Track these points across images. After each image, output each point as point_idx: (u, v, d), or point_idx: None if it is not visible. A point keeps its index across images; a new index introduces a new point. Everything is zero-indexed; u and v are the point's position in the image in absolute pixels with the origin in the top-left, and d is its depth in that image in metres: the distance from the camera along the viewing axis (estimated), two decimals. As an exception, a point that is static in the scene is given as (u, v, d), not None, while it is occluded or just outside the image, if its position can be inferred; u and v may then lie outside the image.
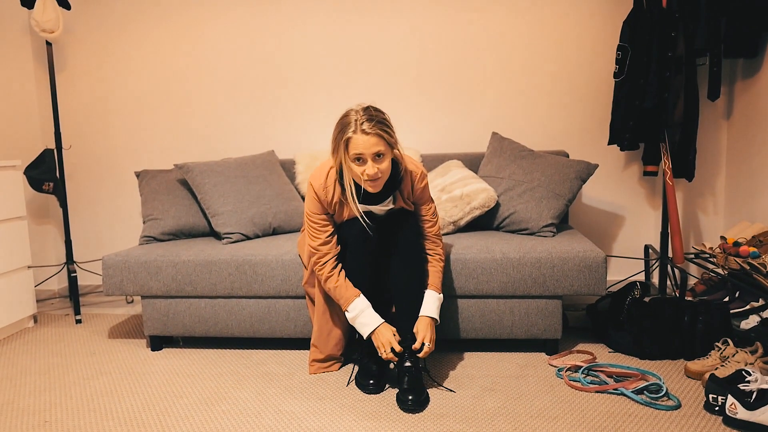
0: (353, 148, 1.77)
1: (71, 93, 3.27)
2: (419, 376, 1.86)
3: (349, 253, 1.97)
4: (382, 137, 1.77)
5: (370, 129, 1.76)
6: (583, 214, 3.06)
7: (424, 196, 2.03)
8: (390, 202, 1.97)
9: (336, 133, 1.82)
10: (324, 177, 1.93)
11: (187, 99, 3.21)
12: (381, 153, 1.79)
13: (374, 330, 1.91)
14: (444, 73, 3.04)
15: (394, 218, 1.98)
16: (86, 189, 3.34)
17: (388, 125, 1.81)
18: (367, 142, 1.76)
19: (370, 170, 1.77)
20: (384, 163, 1.80)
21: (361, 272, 1.97)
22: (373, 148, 1.77)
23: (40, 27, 2.80)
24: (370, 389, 1.91)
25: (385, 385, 1.95)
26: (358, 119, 1.77)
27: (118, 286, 2.35)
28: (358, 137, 1.76)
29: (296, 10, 3.08)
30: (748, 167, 2.64)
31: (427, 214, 2.03)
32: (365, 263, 1.97)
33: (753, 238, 2.21)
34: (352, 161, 1.80)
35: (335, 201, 1.93)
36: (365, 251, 1.96)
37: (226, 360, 2.26)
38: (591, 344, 2.30)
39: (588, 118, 2.98)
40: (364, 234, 1.93)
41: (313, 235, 1.96)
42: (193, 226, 2.68)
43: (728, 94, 2.80)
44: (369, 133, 1.75)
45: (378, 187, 1.84)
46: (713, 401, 1.68)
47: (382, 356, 1.89)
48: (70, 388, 2.05)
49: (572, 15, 2.92)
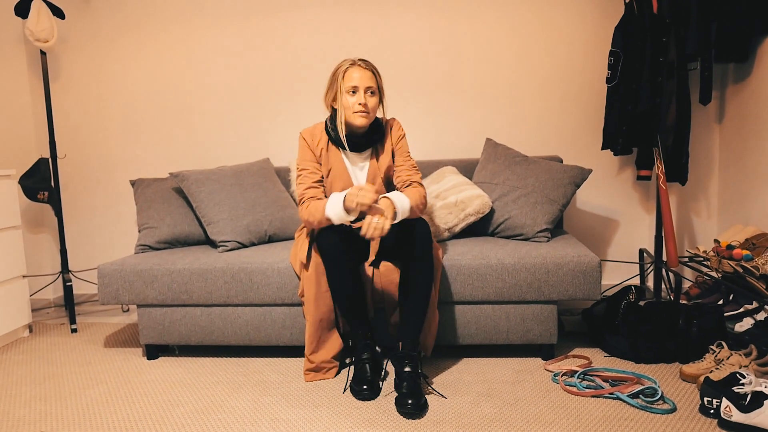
0: (348, 80, 1.99)
1: (66, 102, 3.27)
2: (418, 381, 1.86)
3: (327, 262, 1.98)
4: (376, 77, 2.03)
5: (365, 65, 2.02)
6: (578, 219, 3.07)
7: (404, 147, 2.18)
8: (369, 153, 2.14)
9: (333, 71, 2.05)
10: (313, 127, 2.16)
11: (182, 107, 3.22)
12: (373, 90, 2.02)
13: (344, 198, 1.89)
14: (438, 79, 3.05)
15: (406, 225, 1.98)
16: (81, 198, 3.33)
17: (379, 73, 2.06)
18: (363, 75, 2.00)
19: (361, 100, 1.99)
20: (373, 100, 2.03)
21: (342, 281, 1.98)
22: (367, 82, 2.00)
23: (34, 36, 2.81)
24: (364, 395, 1.91)
25: (380, 391, 1.95)
26: (354, 59, 2.03)
27: (113, 295, 2.34)
28: (355, 69, 2.00)
29: (291, 20, 3.09)
30: (741, 170, 2.66)
31: (406, 164, 2.15)
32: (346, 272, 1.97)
33: (746, 241, 2.23)
34: (347, 92, 2.00)
35: (321, 146, 2.12)
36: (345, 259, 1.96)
37: (222, 368, 2.26)
38: (586, 349, 2.31)
39: (581, 123, 3.00)
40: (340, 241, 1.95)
41: (302, 182, 2.10)
42: (188, 235, 2.68)
43: (720, 99, 2.83)
44: (365, 68, 2.01)
45: (366, 120, 2.02)
46: (708, 404, 1.68)
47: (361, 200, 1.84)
48: (65, 397, 2.04)
49: (565, 22, 2.94)
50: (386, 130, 2.17)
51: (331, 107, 2.11)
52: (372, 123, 2.10)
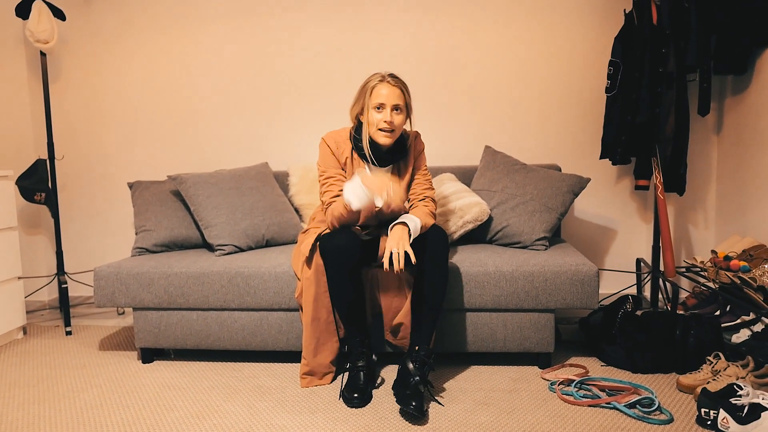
0: (376, 96, 1.97)
1: (65, 103, 3.27)
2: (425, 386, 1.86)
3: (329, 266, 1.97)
4: (404, 94, 2.00)
5: (394, 82, 1.99)
6: (576, 228, 3.08)
7: (423, 160, 2.18)
8: (391, 171, 2.12)
9: (361, 86, 2.03)
10: (337, 134, 2.11)
11: (180, 110, 3.22)
12: (399, 108, 1.98)
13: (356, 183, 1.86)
14: (437, 87, 3.06)
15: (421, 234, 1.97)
16: (79, 199, 3.32)
17: (408, 90, 2.03)
18: (391, 92, 1.97)
19: (387, 118, 1.95)
20: (399, 118, 1.99)
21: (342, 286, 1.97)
22: (394, 99, 1.97)
23: (34, 37, 2.81)
24: (354, 403, 1.90)
25: (371, 399, 1.95)
26: (384, 75, 2.00)
27: (109, 298, 2.33)
28: (384, 86, 1.97)
29: (291, 24, 3.10)
30: (739, 182, 2.67)
31: (422, 178, 2.15)
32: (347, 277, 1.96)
33: (743, 252, 2.23)
34: (373, 108, 1.98)
35: (346, 155, 2.08)
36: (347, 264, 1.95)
37: (218, 373, 2.25)
38: (583, 358, 2.30)
39: (580, 132, 3.01)
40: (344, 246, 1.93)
41: (327, 190, 2.04)
42: (185, 238, 2.67)
43: (718, 110, 2.84)
44: (393, 85, 1.98)
45: (390, 138, 2.00)
46: (705, 415, 1.68)
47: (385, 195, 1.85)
48: (59, 400, 2.03)
49: (565, 31, 2.96)
50: (410, 145, 2.14)
51: (356, 119, 2.09)
52: (397, 139, 2.06)
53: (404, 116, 2.02)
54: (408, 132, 2.14)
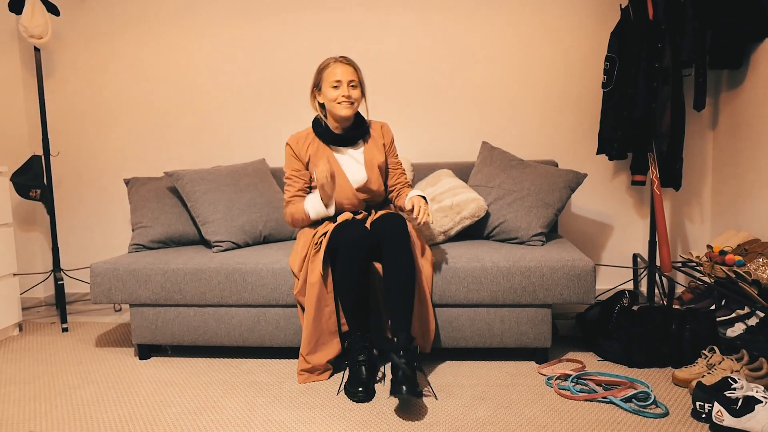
0: (331, 75, 2.12)
1: (60, 99, 3.25)
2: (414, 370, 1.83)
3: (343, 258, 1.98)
4: (357, 71, 2.16)
5: (346, 61, 2.15)
6: (573, 223, 3.08)
7: (395, 149, 2.35)
8: (361, 147, 2.26)
9: (317, 69, 2.19)
10: (299, 134, 2.27)
11: (177, 106, 3.21)
12: (355, 83, 2.14)
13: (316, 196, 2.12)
14: (434, 83, 3.06)
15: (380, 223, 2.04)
16: (74, 196, 3.31)
17: (360, 70, 2.18)
18: (345, 70, 2.13)
19: (344, 91, 2.11)
20: (356, 92, 2.15)
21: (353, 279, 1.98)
22: (349, 76, 2.13)
23: (28, 33, 2.79)
24: (359, 397, 1.90)
25: (374, 394, 1.95)
26: (336, 56, 2.17)
27: (106, 294, 2.33)
28: (337, 65, 2.13)
29: (287, 21, 3.09)
30: (734, 176, 2.68)
31: (399, 168, 2.33)
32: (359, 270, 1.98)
33: (738, 247, 2.24)
34: (331, 87, 2.12)
35: (310, 151, 2.22)
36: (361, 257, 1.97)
37: (215, 369, 2.25)
38: (580, 353, 2.31)
39: (577, 127, 3.01)
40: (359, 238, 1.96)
41: (287, 189, 2.24)
42: (182, 234, 2.67)
43: (714, 105, 2.85)
44: (346, 64, 2.14)
45: (351, 109, 2.15)
46: (700, 408, 1.69)
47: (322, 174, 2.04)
48: (55, 397, 2.03)
49: (561, 27, 2.96)
50: (378, 131, 2.31)
51: (318, 106, 2.24)
52: (357, 118, 2.25)
53: (360, 91, 2.17)
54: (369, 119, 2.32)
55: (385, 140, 2.31)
